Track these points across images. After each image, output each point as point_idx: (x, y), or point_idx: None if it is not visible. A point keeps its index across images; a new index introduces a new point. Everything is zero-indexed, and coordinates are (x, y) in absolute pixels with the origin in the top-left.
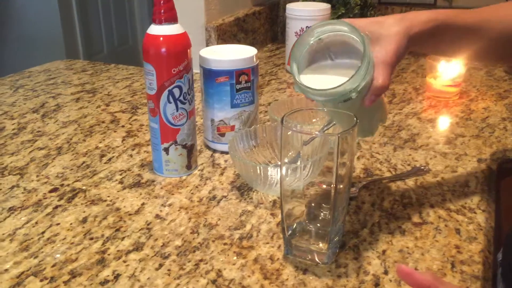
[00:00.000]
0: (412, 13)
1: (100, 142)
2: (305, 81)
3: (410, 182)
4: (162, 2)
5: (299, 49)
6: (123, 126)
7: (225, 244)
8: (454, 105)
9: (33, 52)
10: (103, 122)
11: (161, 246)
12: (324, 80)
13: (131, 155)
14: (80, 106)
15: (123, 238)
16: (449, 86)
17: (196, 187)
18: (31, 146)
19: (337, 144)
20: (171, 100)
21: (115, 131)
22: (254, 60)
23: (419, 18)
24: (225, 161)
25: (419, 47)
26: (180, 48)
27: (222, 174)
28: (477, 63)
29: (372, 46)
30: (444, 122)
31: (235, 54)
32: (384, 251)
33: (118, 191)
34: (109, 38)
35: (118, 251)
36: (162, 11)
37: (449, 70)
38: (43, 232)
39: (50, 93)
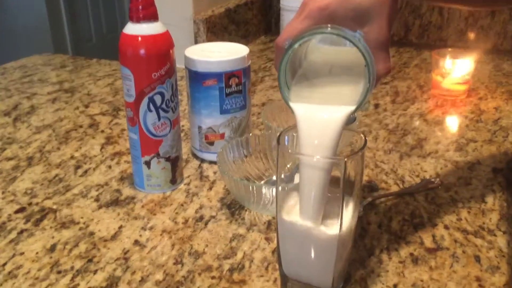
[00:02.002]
0: None
1: (76, 150)
2: (301, 109)
3: (420, 198)
4: None
5: (283, 69)
6: (102, 132)
7: (213, 277)
8: (462, 104)
9: (19, 42)
10: (80, 126)
11: (139, 281)
12: (323, 94)
13: (110, 166)
14: (57, 108)
15: (95, 271)
16: (457, 84)
17: (182, 205)
18: None
19: (344, 169)
20: (152, 108)
21: (93, 137)
22: (246, 60)
23: None
24: (214, 173)
25: None
26: (161, 50)
27: (210, 188)
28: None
29: (359, 26)
30: (453, 125)
31: (224, 54)
32: (395, 286)
33: (93, 211)
34: (97, 26)
35: None
36: (140, 7)
37: (457, 66)
38: (4, 264)
39: (25, 93)
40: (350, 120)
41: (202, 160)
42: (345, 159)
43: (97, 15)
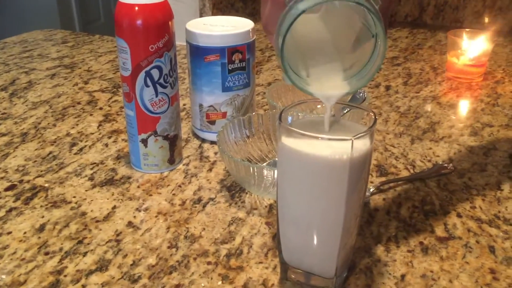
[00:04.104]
0: None
1: (73, 127)
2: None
3: (432, 183)
4: None
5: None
6: (101, 109)
7: (209, 263)
8: (478, 87)
9: (27, 21)
10: (78, 103)
11: (131, 265)
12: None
13: (106, 144)
14: (55, 84)
15: (85, 254)
16: (473, 66)
17: (179, 186)
18: None
19: (351, 149)
20: (149, 83)
21: (91, 114)
22: (250, 35)
23: None
24: (215, 153)
25: None
26: (159, 21)
27: (210, 169)
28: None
29: None
30: (467, 108)
31: (228, 28)
32: (403, 276)
33: (86, 190)
34: (105, 5)
35: (77, 271)
36: None
37: (473, 47)
38: None
39: (23, 68)
40: (359, 99)
41: (203, 140)
42: (352, 139)
43: None
